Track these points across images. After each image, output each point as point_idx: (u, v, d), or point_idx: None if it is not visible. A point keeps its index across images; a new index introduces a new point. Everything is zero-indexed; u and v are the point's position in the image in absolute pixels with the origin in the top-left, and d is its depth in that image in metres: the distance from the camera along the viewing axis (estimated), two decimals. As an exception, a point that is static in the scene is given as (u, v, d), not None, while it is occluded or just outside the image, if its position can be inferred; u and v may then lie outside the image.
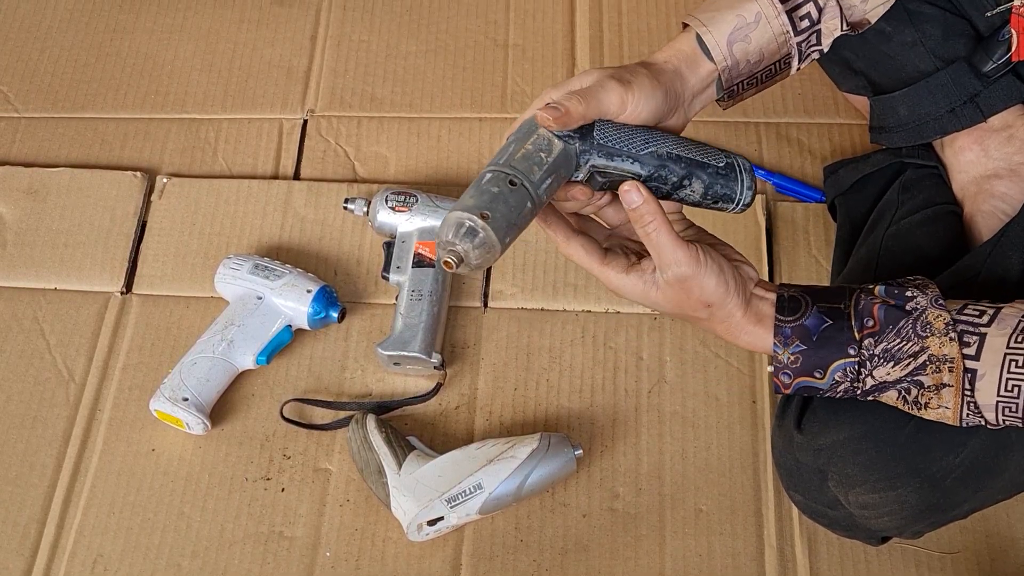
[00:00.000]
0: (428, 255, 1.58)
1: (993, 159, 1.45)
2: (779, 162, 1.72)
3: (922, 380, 1.12)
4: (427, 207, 1.61)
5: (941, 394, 1.12)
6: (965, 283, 1.29)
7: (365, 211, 1.64)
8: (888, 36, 1.46)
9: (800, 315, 1.14)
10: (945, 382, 1.11)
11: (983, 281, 1.28)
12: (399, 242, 1.60)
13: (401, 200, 1.61)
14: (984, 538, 1.42)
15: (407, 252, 1.59)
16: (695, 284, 1.12)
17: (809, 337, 1.13)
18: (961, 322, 1.11)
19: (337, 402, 1.54)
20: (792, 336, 1.13)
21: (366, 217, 1.65)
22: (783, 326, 1.14)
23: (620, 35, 1.87)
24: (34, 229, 1.71)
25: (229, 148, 1.80)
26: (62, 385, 1.58)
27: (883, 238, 1.45)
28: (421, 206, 1.61)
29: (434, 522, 1.40)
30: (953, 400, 1.12)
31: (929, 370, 1.11)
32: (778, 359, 1.14)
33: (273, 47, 1.90)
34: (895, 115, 1.49)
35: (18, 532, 1.48)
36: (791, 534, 1.44)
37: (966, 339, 1.11)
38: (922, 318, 1.12)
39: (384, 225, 1.61)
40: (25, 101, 1.87)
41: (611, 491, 1.47)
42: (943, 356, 1.11)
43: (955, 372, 1.10)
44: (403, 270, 1.57)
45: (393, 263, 1.58)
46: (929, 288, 1.14)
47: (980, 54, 1.43)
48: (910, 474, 1.22)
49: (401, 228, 1.60)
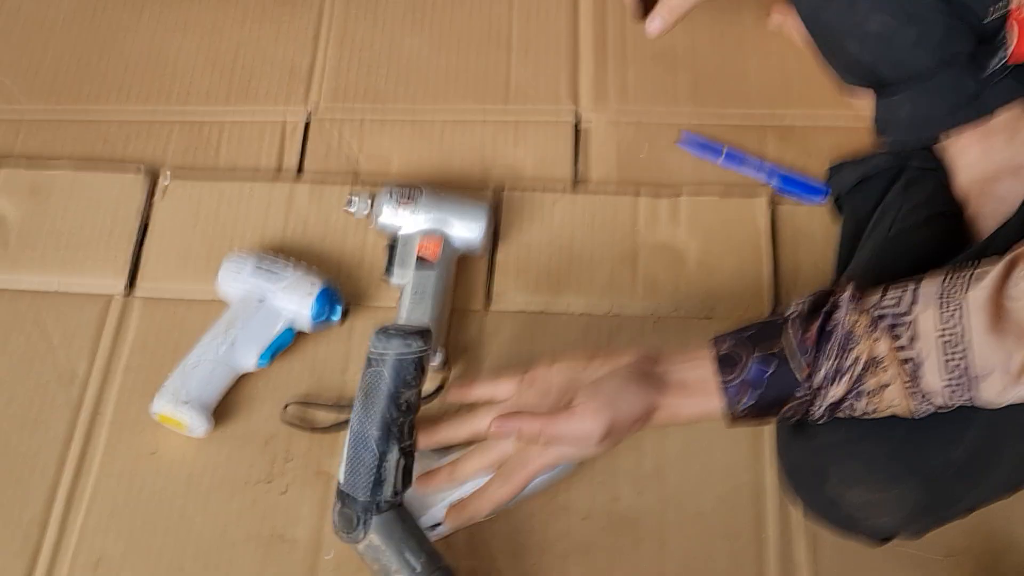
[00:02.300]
0: (430, 257, 1.57)
1: (995, 159, 1.45)
2: (782, 162, 1.71)
3: (863, 388, 1.14)
4: (432, 202, 1.60)
5: (883, 394, 1.14)
6: None
7: (368, 209, 1.63)
8: (890, 35, 1.45)
9: (740, 370, 1.17)
10: (884, 382, 1.12)
11: None
12: (401, 244, 1.59)
13: (406, 194, 1.60)
14: (985, 539, 1.42)
15: (409, 253, 1.58)
16: (617, 421, 1.23)
17: (754, 390, 1.17)
18: (884, 316, 1.13)
19: (340, 404, 1.54)
20: (739, 393, 1.18)
21: (368, 217, 1.64)
22: (727, 384, 1.18)
23: (623, 32, 1.86)
24: (36, 229, 1.71)
25: (232, 146, 1.80)
26: (64, 386, 1.58)
27: (885, 239, 1.45)
28: (426, 200, 1.60)
29: (434, 527, 1.40)
30: (899, 396, 1.14)
31: (868, 376, 1.13)
32: (733, 414, 1.19)
33: (276, 45, 1.90)
34: (896, 116, 1.49)
35: (20, 533, 1.48)
36: (792, 536, 1.43)
37: (896, 332, 1.11)
38: (842, 329, 1.14)
39: (386, 226, 1.61)
40: (27, 99, 1.87)
41: (612, 493, 1.47)
42: (875, 357, 1.13)
43: (890, 370, 1.12)
44: (405, 271, 1.57)
45: (396, 264, 1.58)
46: (847, 290, 1.17)
47: (983, 53, 1.42)
48: (909, 473, 1.22)
49: (404, 229, 1.60)
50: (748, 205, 1.66)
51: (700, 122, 1.76)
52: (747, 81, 1.80)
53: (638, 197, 1.68)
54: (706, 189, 1.69)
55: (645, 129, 1.76)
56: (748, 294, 1.58)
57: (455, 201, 1.60)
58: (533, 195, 1.69)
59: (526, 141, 1.76)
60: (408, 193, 1.61)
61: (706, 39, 1.84)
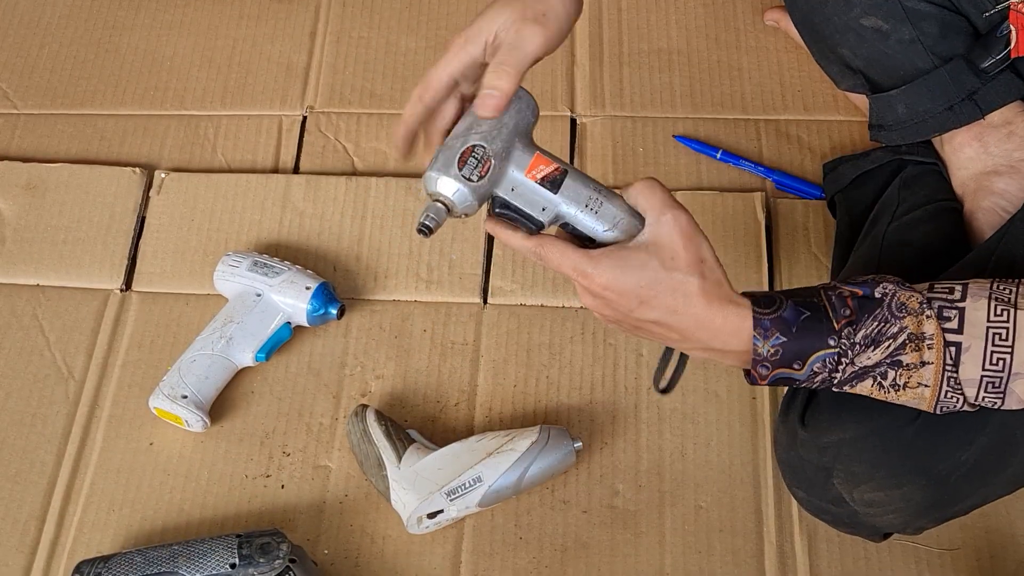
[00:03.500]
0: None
1: (993, 155, 1.45)
2: (779, 159, 1.72)
3: (902, 359, 1.10)
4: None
5: (922, 372, 1.10)
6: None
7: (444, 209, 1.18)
8: (886, 34, 1.46)
9: (776, 308, 1.10)
10: (926, 359, 1.09)
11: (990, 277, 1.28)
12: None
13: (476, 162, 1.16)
14: (984, 534, 1.42)
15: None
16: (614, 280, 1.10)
17: (789, 329, 1.10)
18: (935, 299, 1.10)
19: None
20: (772, 328, 1.10)
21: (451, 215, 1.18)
22: (762, 318, 1.10)
23: (619, 31, 1.87)
24: (33, 225, 1.71)
25: (228, 144, 1.80)
26: (61, 382, 1.58)
27: (884, 235, 1.45)
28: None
29: (434, 515, 1.41)
30: (933, 378, 1.10)
31: (909, 348, 1.09)
32: (757, 351, 1.10)
33: (272, 43, 1.90)
34: (894, 113, 1.49)
35: (18, 529, 1.48)
36: (791, 531, 1.44)
37: (946, 314, 1.09)
38: (896, 300, 1.10)
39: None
40: (24, 97, 1.87)
41: (611, 488, 1.47)
42: (922, 334, 1.09)
43: (935, 349, 1.09)
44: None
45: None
46: (891, 277, 1.13)
47: (978, 51, 1.43)
48: (917, 472, 1.22)
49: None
50: (746, 200, 1.66)
51: (696, 119, 1.76)
52: (743, 79, 1.80)
53: (636, 193, 1.68)
54: (704, 184, 1.69)
55: (641, 128, 1.77)
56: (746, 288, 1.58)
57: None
58: (530, 191, 1.69)
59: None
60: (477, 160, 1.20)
61: (701, 38, 1.85)
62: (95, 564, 1.37)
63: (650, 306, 1.10)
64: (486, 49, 1.15)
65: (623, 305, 1.10)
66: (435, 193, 1.14)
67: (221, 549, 1.36)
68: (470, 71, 1.16)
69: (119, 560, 1.37)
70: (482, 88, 1.13)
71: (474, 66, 1.16)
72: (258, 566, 1.34)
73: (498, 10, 1.15)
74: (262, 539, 1.36)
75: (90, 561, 1.38)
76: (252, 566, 1.34)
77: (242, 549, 1.35)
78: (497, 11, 1.15)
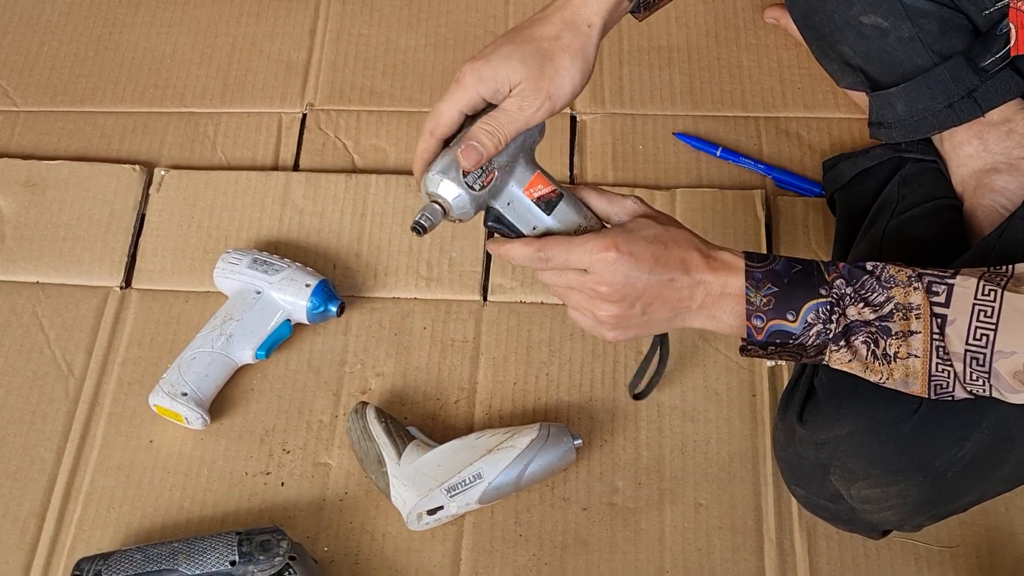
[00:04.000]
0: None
1: (992, 153, 1.45)
2: (778, 156, 1.72)
3: (890, 327, 1.12)
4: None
5: (909, 341, 1.12)
6: None
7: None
8: (885, 32, 1.46)
9: (769, 262, 1.15)
10: (913, 329, 1.11)
11: None
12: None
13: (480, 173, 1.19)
14: (983, 531, 1.43)
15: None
16: (634, 241, 1.15)
17: (780, 279, 1.14)
18: (926, 275, 1.13)
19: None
20: (763, 280, 1.14)
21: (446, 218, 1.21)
22: (753, 271, 1.15)
23: (618, 28, 1.84)
24: (33, 223, 1.71)
25: (228, 142, 1.80)
26: (61, 380, 1.58)
27: (883, 232, 1.45)
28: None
29: (434, 511, 1.41)
30: (922, 347, 1.12)
31: (896, 317, 1.11)
32: (750, 301, 1.14)
33: (272, 41, 1.90)
34: (893, 111, 1.49)
35: (18, 526, 1.47)
36: (790, 528, 1.44)
37: (934, 288, 1.11)
38: (885, 272, 1.13)
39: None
40: (24, 94, 1.87)
41: (610, 485, 1.47)
42: (909, 304, 1.12)
43: (922, 319, 1.11)
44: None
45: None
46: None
47: (978, 49, 1.42)
48: (914, 468, 1.22)
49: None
50: (746, 197, 1.66)
51: (696, 116, 1.77)
52: (743, 77, 1.80)
53: (635, 189, 1.68)
54: (704, 182, 1.70)
55: (641, 125, 1.77)
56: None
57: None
58: (530, 189, 1.70)
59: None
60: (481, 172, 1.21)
61: (701, 36, 1.85)
62: (95, 562, 1.37)
63: (663, 265, 1.15)
64: (496, 95, 1.19)
65: (639, 272, 1.14)
66: (435, 194, 1.16)
67: (221, 546, 1.36)
68: (479, 106, 1.20)
69: (119, 557, 1.37)
70: (471, 138, 1.17)
71: (481, 103, 1.20)
72: (258, 563, 1.34)
73: (517, 65, 1.18)
74: (262, 536, 1.36)
75: (90, 559, 1.38)
76: (252, 563, 1.34)
77: (242, 546, 1.35)
78: (517, 65, 1.18)
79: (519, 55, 1.18)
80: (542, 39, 1.19)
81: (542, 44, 1.19)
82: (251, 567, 1.34)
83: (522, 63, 1.17)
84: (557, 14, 1.20)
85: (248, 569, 1.34)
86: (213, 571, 1.34)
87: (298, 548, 1.38)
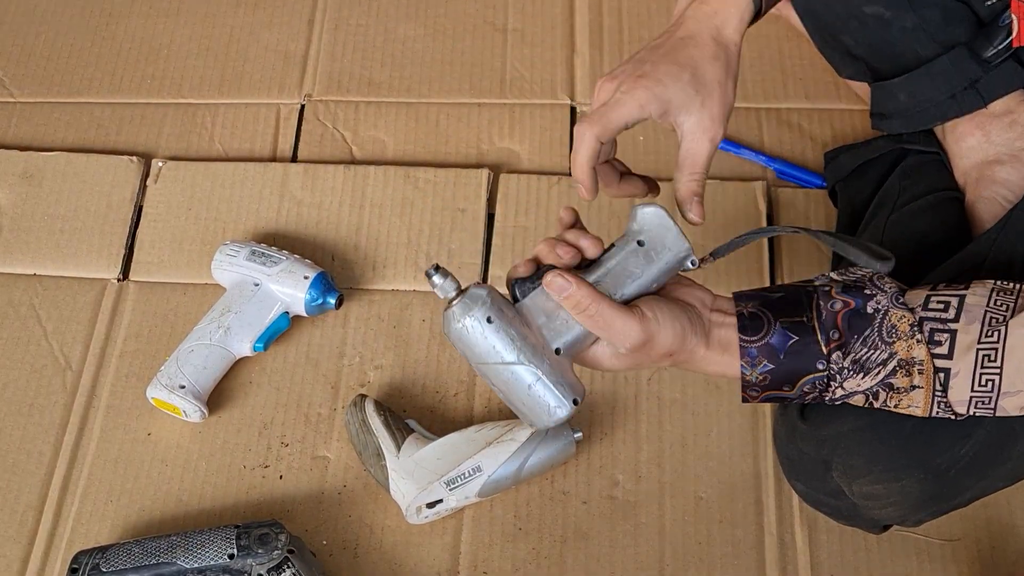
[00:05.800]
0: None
1: (994, 145, 1.44)
2: (780, 147, 1.71)
3: (892, 383, 1.11)
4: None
5: (912, 395, 1.12)
6: (970, 270, 1.28)
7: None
8: (888, 22, 1.45)
9: (764, 333, 1.12)
10: (916, 384, 1.11)
11: (989, 268, 1.27)
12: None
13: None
14: (984, 525, 1.42)
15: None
16: (652, 344, 1.10)
17: (776, 355, 1.12)
18: (928, 319, 1.11)
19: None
20: (759, 356, 1.12)
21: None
22: (748, 347, 1.12)
23: (620, 19, 1.86)
24: (30, 214, 1.70)
25: (226, 133, 1.79)
26: (59, 372, 1.57)
27: (885, 224, 1.44)
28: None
29: (433, 505, 1.40)
30: (924, 400, 1.12)
31: (899, 375, 1.11)
32: (746, 379, 1.13)
33: (270, 31, 1.89)
34: (895, 101, 1.48)
35: (15, 520, 1.47)
36: (791, 522, 1.43)
37: (937, 338, 1.10)
38: (886, 322, 1.11)
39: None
40: (20, 85, 1.86)
41: (610, 479, 1.47)
42: (912, 359, 1.10)
43: (925, 374, 1.10)
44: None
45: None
46: (887, 284, 1.13)
47: (981, 40, 1.42)
48: (915, 465, 1.21)
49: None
50: (747, 189, 1.66)
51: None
52: (744, 67, 1.78)
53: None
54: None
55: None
56: (747, 278, 1.58)
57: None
58: (530, 179, 1.69)
59: (522, 125, 1.76)
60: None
61: (702, 26, 1.84)
62: (93, 555, 1.36)
63: (672, 361, 1.14)
64: (662, 118, 1.17)
65: (651, 360, 1.13)
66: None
67: (219, 540, 1.35)
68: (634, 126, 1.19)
69: (117, 551, 1.36)
70: (686, 189, 1.22)
71: (638, 123, 1.18)
72: (256, 557, 1.34)
73: (691, 100, 1.18)
74: (260, 530, 1.36)
75: (88, 552, 1.37)
76: (250, 556, 1.34)
77: (240, 540, 1.35)
78: (691, 100, 1.18)
79: (694, 93, 1.18)
80: (700, 62, 1.19)
81: (700, 69, 1.19)
82: (249, 560, 1.33)
83: (697, 97, 1.18)
84: (706, 32, 1.21)
85: (247, 562, 1.33)
86: (211, 564, 1.34)
87: (297, 541, 1.37)
